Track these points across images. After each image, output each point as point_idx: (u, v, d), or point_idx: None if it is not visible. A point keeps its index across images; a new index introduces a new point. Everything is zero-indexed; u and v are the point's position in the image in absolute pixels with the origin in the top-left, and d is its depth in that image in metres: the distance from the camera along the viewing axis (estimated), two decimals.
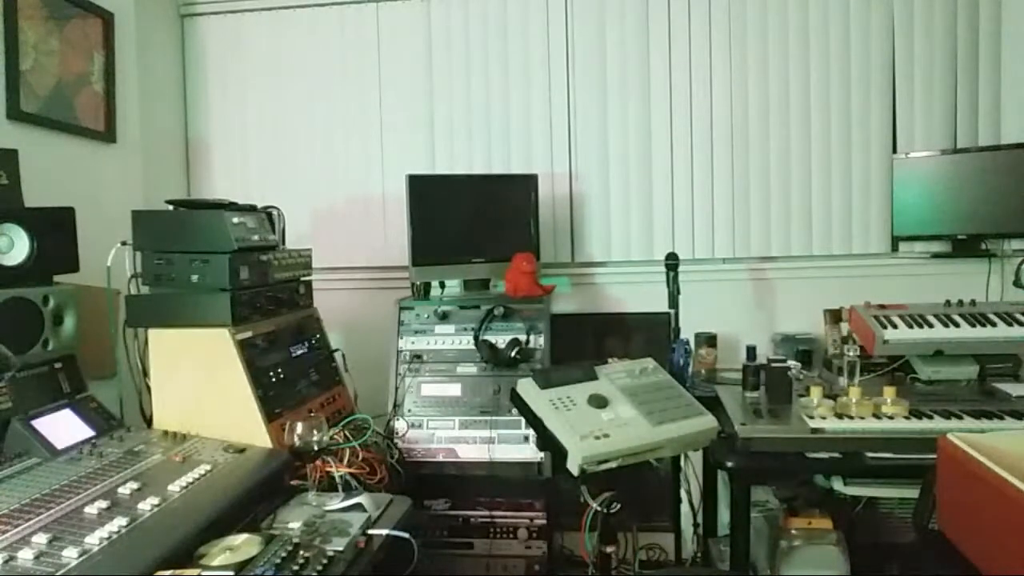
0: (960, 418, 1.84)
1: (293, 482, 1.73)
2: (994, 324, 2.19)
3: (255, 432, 1.82)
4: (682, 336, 2.34)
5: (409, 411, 2.37)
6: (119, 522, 1.30)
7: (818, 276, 2.77)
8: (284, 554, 1.30)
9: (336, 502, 1.61)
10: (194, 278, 1.87)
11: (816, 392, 1.96)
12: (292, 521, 1.51)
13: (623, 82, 2.83)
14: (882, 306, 2.35)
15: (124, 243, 1.98)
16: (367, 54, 2.96)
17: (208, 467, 1.61)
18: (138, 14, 2.64)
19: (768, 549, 2.14)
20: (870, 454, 1.78)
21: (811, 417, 1.87)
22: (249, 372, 1.85)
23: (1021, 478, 1.21)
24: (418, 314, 2.49)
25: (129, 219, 1.93)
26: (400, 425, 2.33)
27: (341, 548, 1.39)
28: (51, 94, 2.23)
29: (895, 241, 2.74)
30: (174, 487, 1.48)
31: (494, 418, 2.31)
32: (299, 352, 2.15)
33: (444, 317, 2.47)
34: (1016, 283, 2.37)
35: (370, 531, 1.50)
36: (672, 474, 2.52)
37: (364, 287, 2.97)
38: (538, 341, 2.41)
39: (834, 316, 2.56)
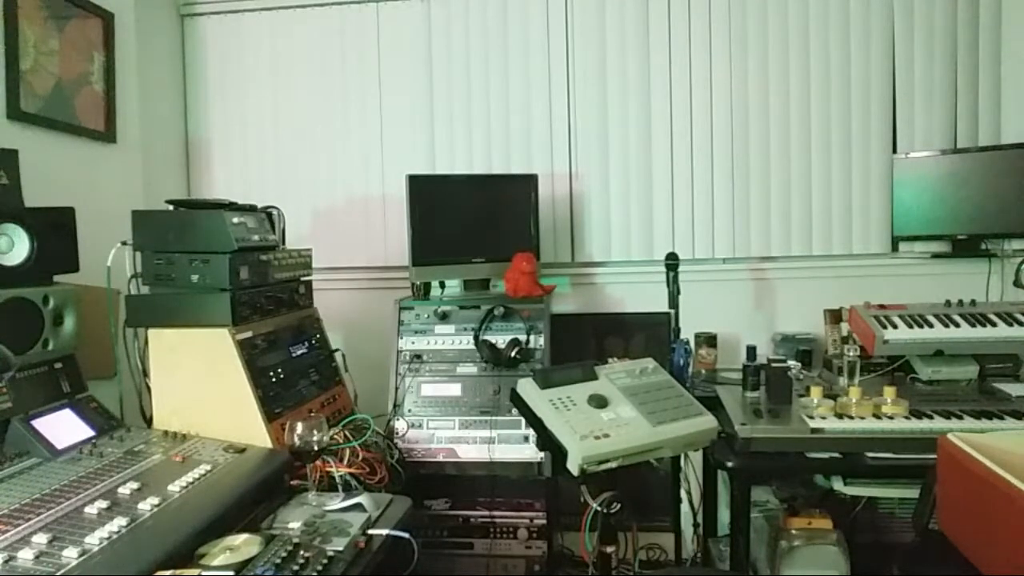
0: (960, 418, 1.84)
1: (293, 482, 1.73)
2: (994, 324, 2.19)
3: (255, 432, 1.82)
4: (682, 336, 2.34)
5: (409, 411, 2.37)
6: (119, 522, 1.30)
7: (818, 276, 2.77)
8: (284, 554, 1.30)
9: (336, 502, 1.61)
10: (194, 278, 1.87)
11: (816, 392, 1.96)
12: (292, 521, 1.51)
13: (623, 82, 2.83)
14: (882, 306, 2.35)
15: (124, 243, 1.98)
16: (367, 54, 2.96)
17: (208, 467, 1.61)
18: (138, 14, 2.64)
19: (768, 549, 2.14)
20: (870, 454, 1.79)
21: (811, 417, 1.87)
22: (249, 372, 1.86)
23: (1021, 478, 1.21)
24: (418, 314, 2.49)
25: (129, 219, 1.93)
26: (400, 425, 2.33)
27: (341, 548, 1.39)
28: (51, 94, 2.23)
29: (895, 241, 2.74)
30: (174, 487, 1.48)
31: (494, 418, 2.31)
32: (299, 352, 2.15)
33: (444, 317, 2.47)
34: (1016, 283, 2.37)
35: (370, 531, 1.50)
36: (672, 474, 2.52)
37: (364, 287, 2.97)
38: (538, 341, 2.41)
39: (834, 316, 2.56)
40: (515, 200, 2.69)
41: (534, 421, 1.65)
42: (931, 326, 2.22)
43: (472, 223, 2.64)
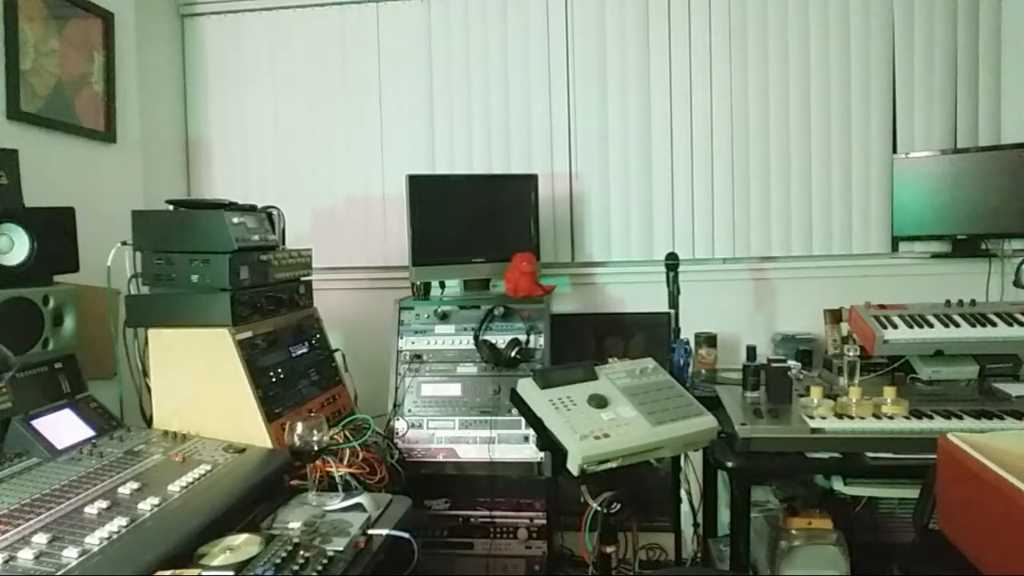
0: (960, 418, 1.84)
1: (293, 482, 1.73)
2: (994, 324, 2.19)
3: (255, 432, 1.82)
4: (682, 336, 2.34)
5: (409, 411, 2.37)
6: (119, 522, 1.30)
7: (818, 276, 2.77)
8: (284, 554, 1.30)
9: (336, 502, 1.61)
10: (194, 278, 1.87)
11: (816, 392, 1.96)
12: (292, 521, 1.51)
13: (623, 82, 2.83)
14: (882, 306, 2.35)
15: (124, 243, 1.98)
16: (367, 54, 2.96)
17: (208, 467, 1.61)
18: (138, 14, 2.64)
19: (768, 549, 2.14)
20: (870, 454, 1.79)
21: (811, 417, 1.87)
22: (249, 372, 1.86)
23: (1021, 478, 1.21)
24: (418, 314, 2.49)
25: (129, 219, 1.93)
26: (400, 425, 2.33)
27: (341, 548, 1.39)
28: (51, 94, 2.22)
29: (895, 241, 2.74)
30: (174, 487, 1.48)
31: (494, 418, 2.31)
32: (299, 352, 2.15)
33: (444, 317, 2.47)
34: (1016, 283, 2.37)
35: (370, 531, 1.50)
36: (672, 474, 2.52)
37: (364, 287, 2.97)
38: (538, 341, 2.41)
39: (834, 316, 2.56)
40: (515, 200, 2.69)
41: (534, 421, 1.65)
42: (931, 326, 2.22)
43: (472, 223, 2.64)
